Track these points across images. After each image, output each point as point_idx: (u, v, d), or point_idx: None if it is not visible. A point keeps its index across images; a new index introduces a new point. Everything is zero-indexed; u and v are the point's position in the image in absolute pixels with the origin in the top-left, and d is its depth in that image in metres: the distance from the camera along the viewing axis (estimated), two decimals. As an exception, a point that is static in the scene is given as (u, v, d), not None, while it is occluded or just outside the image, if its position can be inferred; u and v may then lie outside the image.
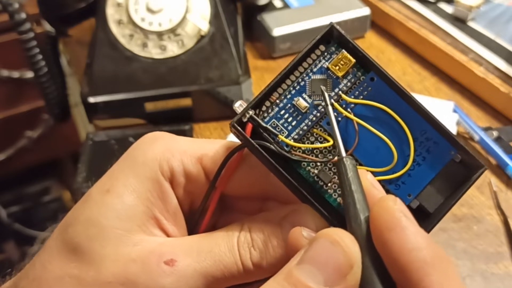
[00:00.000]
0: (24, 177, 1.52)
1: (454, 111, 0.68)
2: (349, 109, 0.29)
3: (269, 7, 0.81)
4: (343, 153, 0.27)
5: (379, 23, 0.84)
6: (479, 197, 0.60)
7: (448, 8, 0.81)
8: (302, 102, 0.30)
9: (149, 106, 0.68)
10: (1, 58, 1.27)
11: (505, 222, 0.57)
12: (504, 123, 0.68)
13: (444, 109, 0.68)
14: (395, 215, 0.24)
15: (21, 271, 0.30)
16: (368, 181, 0.28)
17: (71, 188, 1.37)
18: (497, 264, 0.53)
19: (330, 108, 0.29)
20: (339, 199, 0.30)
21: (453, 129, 0.66)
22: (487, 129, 0.65)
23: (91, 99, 0.67)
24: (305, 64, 0.30)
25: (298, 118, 0.30)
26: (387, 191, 0.30)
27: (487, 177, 0.62)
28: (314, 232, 0.27)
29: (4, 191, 1.51)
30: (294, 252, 0.27)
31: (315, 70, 0.30)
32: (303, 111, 0.30)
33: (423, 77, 0.76)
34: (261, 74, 0.77)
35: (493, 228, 0.56)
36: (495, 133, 0.64)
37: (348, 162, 0.26)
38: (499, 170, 0.62)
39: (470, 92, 0.72)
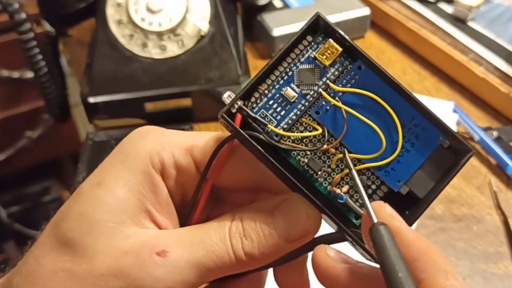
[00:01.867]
0: (24, 177, 1.52)
1: (454, 111, 0.68)
2: (337, 98, 0.29)
3: (269, 7, 0.81)
4: (375, 219, 0.26)
5: (379, 23, 0.84)
6: (479, 197, 0.59)
7: (448, 8, 0.81)
8: (290, 92, 0.30)
9: (149, 106, 0.69)
10: (1, 58, 1.28)
11: (505, 222, 0.56)
12: (504, 123, 0.68)
13: (444, 109, 0.68)
14: None
15: (14, 267, 0.30)
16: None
17: (71, 188, 1.37)
18: (497, 264, 0.53)
19: (355, 173, 0.28)
20: (329, 187, 0.30)
21: (453, 129, 0.65)
22: (487, 129, 0.65)
23: (91, 99, 0.67)
24: (292, 55, 0.30)
25: (287, 108, 0.30)
26: (377, 178, 0.30)
27: (487, 177, 0.61)
28: (339, 252, 0.27)
29: (4, 191, 1.51)
30: (321, 274, 0.27)
31: (302, 60, 0.30)
32: (292, 100, 0.30)
33: (423, 77, 0.75)
34: (261, 74, 0.77)
35: (493, 228, 0.56)
36: (495, 133, 0.64)
37: (383, 229, 0.25)
38: (499, 170, 0.62)
39: (470, 92, 0.72)
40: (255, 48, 0.82)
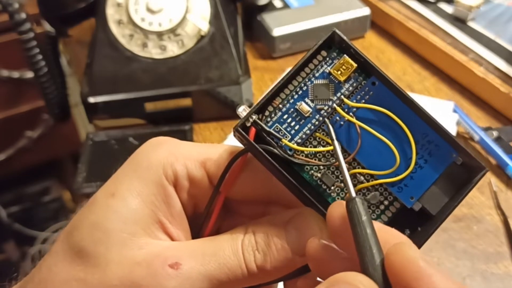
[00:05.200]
0: (24, 177, 1.52)
1: (454, 111, 0.68)
2: (351, 113, 0.30)
3: (269, 7, 0.81)
4: (353, 193, 0.26)
5: (379, 23, 0.84)
6: (479, 197, 0.60)
7: (448, 8, 0.81)
8: (304, 107, 0.30)
9: (149, 106, 0.69)
10: (1, 58, 1.28)
11: (505, 222, 0.57)
12: (504, 123, 0.68)
13: (444, 109, 0.68)
14: (420, 264, 0.23)
15: (28, 275, 0.30)
16: None
17: (71, 188, 1.37)
18: (497, 264, 0.53)
19: (336, 142, 0.29)
20: None
21: (453, 129, 0.66)
22: (487, 129, 0.65)
23: (91, 99, 0.67)
24: (307, 69, 0.30)
25: (301, 122, 0.30)
26: (390, 194, 0.30)
27: (487, 177, 0.62)
28: (331, 241, 0.27)
29: (4, 191, 1.51)
30: (313, 263, 0.27)
31: (317, 75, 0.30)
32: (306, 115, 0.30)
33: (423, 77, 0.76)
34: (261, 74, 0.77)
35: (493, 228, 0.57)
36: (495, 133, 0.64)
37: (360, 203, 0.25)
38: (499, 170, 0.62)
39: (470, 92, 0.72)
40: (255, 48, 0.82)
